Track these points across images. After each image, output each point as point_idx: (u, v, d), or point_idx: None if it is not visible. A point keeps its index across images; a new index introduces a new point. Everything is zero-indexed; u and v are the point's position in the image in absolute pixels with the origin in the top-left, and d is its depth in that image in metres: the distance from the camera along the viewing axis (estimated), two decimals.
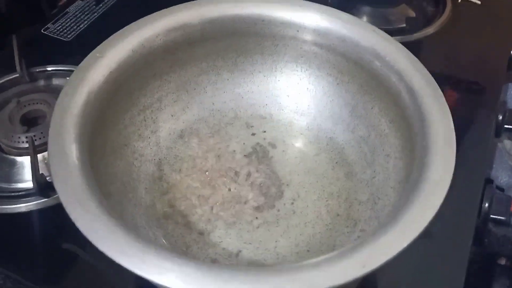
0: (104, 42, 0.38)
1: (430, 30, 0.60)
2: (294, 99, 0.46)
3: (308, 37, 0.42)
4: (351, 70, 0.42)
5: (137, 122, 0.42)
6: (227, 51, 0.45)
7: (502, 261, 0.38)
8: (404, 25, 0.60)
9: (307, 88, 0.45)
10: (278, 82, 0.46)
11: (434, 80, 0.36)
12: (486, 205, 0.46)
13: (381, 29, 0.59)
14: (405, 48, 0.38)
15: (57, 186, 0.30)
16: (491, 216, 0.46)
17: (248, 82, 0.46)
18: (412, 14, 0.59)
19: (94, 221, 0.28)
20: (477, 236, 0.46)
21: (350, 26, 0.40)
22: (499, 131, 0.54)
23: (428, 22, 0.61)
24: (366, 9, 0.61)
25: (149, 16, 0.41)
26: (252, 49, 0.45)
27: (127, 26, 0.40)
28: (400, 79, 0.37)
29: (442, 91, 0.54)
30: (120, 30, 0.40)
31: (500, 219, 0.46)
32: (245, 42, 0.44)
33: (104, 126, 0.38)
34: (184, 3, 0.42)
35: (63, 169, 0.31)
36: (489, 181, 0.56)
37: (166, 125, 0.44)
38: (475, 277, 0.51)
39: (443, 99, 0.35)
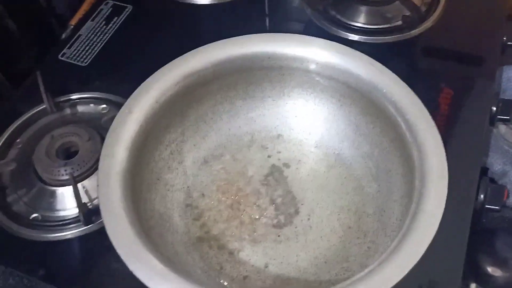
0: (130, 98, 0.43)
1: (427, 24, 0.63)
2: (302, 119, 0.50)
3: (311, 68, 0.46)
4: (352, 95, 0.46)
5: (165, 157, 0.47)
6: (238, 83, 0.49)
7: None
8: (401, 22, 0.62)
9: (314, 109, 0.50)
10: (286, 105, 0.51)
11: (427, 112, 0.41)
12: (482, 196, 0.51)
13: (380, 28, 0.63)
14: (401, 80, 0.42)
15: (114, 243, 0.36)
16: (486, 206, 0.51)
17: (259, 107, 0.51)
18: (407, 11, 0.62)
19: (152, 273, 0.34)
20: (476, 218, 0.51)
21: (349, 59, 0.44)
22: (493, 120, 0.58)
23: (425, 17, 0.63)
24: (363, 8, 0.64)
25: (165, 66, 0.45)
26: (260, 79, 0.49)
27: (148, 79, 0.44)
28: (397, 110, 0.41)
29: (439, 87, 0.58)
30: (143, 84, 0.44)
31: (494, 208, 0.51)
32: (253, 74, 0.48)
33: (140, 169, 0.44)
34: (196, 49, 0.46)
35: (114, 221, 0.36)
36: (484, 169, 0.61)
37: (190, 154, 0.49)
38: (475, 250, 0.57)
39: (437, 131, 0.39)
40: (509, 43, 0.63)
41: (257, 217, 0.47)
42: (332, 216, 0.46)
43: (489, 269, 0.61)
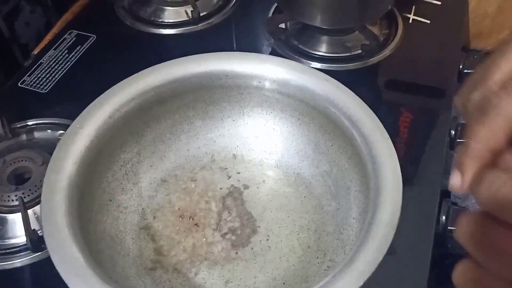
0: (82, 113, 0.42)
1: (385, 52, 0.65)
2: (262, 139, 0.50)
3: (269, 86, 0.46)
4: (311, 113, 0.46)
5: (119, 177, 0.46)
6: (197, 102, 0.48)
7: None
8: (360, 51, 0.64)
9: (273, 129, 0.50)
10: (246, 125, 0.50)
11: (382, 124, 0.41)
12: (443, 218, 0.51)
13: (340, 56, 0.65)
14: (356, 95, 0.43)
15: (53, 258, 0.34)
16: (449, 227, 0.51)
17: (219, 127, 0.50)
18: (366, 40, 0.63)
19: None
20: (439, 242, 0.51)
21: (305, 77, 0.44)
22: (453, 144, 0.59)
23: (383, 45, 0.65)
24: (324, 38, 0.65)
25: (121, 82, 0.44)
26: (219, 98, 0.49)
27: (102, 94, 0.43)
28: (352, 124, 0.41)
29: (399, 111, 0.59)
30: (97, 99, 0.43)
31: None
32: (212, 93, 0.48)
33: (90, 188, 0.42)
34: (153, 67, 0.45)
35: (58, 243, 0.34)
36: (447, 193, 0.61)
37: (146, 175, 0.48)
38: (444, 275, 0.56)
39: (391, 143, 0.39)
40: (465, 71, 0.65)
41: (214, 239, 0.45)
42: (291, 236, 0.45)
43: None
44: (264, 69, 0.45)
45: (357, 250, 0.34)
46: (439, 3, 0.71)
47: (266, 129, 0.50)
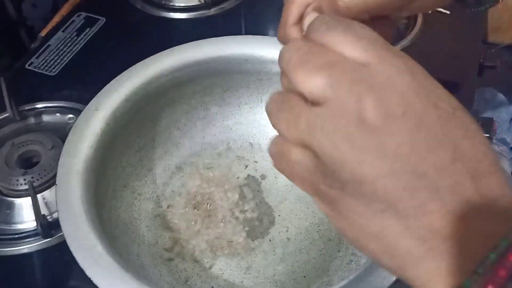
0: (98, 95, 0.40)
1: (404, 43, 0.63)
2: None
3: None
4: None
5: (134, 163, 0.44)
6: (213, 88, 0.47)
7: None
8: None
9: None
10: (264, 113, 0.48)
11: None
12: None
13: None
14: None
15: (71, 246, 0.32)
16: None
17: (235, 114, 0.49)
18: None
19: (112, 279, 0.30)
20: None
21: None
22: None
23: (402, 35, 0.63)
24: None
25: (138, 64, 0.42)
26: (237, 84, 0.47)
27: (119, 75, 0.42)
28: None
29: None
30: (113, 81, 0.41)
31: None
32: (230, 78, 0.46)
33: (105, 173, 0.40)
34: (171, 48, 0.44)
35: (74, 229, 0.33)
36: None
37: (161, 162, 0.46)
38: None
39: None
40: (486, 64, 0.64)
41: (231, 229, 0.43)
42: (311, 228, 0.43)
43: None
44: None
45: None
46: None
47: None
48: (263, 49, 0.44)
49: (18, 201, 0.49)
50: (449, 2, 0.34)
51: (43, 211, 0.47)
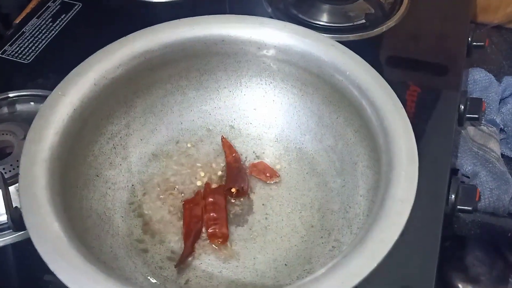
0: (65, 79, 0.38)
1: (390, 23, 0.61)
2: (261, 112, 0.46)
3: (270, 53, 0.43)
4: (314, 83, 0.43)
5: (106, 151, 0.42)
6: (190, 71, 0.45)
7: None
8: (364, 21, 0.60)
9: (273, 100, 0.46)
10: (244, 97, 0.46)
11: (394, 93, 0.37)
12: (453, 196, 0.48)
13: (342, 26, 0.61)
14: (365, 62, 0.39)
15: (32, 236, 0.31)
16: (458, 207, 0.48)
17: (214, 99, 0.47)
18: (371, 9, 0.60)
19: (76, 274, 0.29)
20: (447, 223, 0.48)
21: (309, 41, 0.41)
22: (461, 120, 0.56)
23: (388, 15, 0.61)
24: (325, 7, 0.62)
25: (107, 47, 0.40)
26: (215, 67, 0.45)
27: (87, 59, 0.39)
28: (361, 93, 0.38)
29: (406, 84, 0.56)
30: (80, 64, 0.39)
31: (466, 209, 0.48)
32: (207, 61, 0.44)
33: (75, 162, 0.38)
34: (143, 30, 0.41)
35: (37, 220, 0.31)
36: (454, 170, 0.58)
37: (136, 149, 0.44)
38: (445, 259, 0.54)
39: (404, 113, 0.36)
40: (474, 43, 0.62)
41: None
42: (293, 215, 0.42)
43: (460, 286, 0.57)
44: (264, 33, 0.42)
45: (369, 229, 0.31)
46: None
47: (265, 101, 0.46)
48: (240, 29, 0.42)
49: None
50: None
51: (16, 203, 0.45)
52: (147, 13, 0.65)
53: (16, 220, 0.44)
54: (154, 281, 0.38)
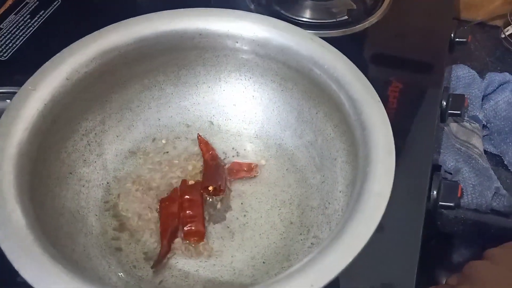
0: (35, 74, 0.37)
1: (372, 19, 0.61)
2: (241, 107, 0.46)
3: (248, 47, 0.42)
4: (294, 77, 0.42)
5: (80, 148, 0.41)
6: (167, 66, 0.44)
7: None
8: (347, 17, 0.60)
9: (253, 96, 0.45)
10: (223, 92, 0.46)
11: (372, 87, 0.37)
12: (435, 192, 0.48)
13: (325, 23, 0.60)
14: (344, 56, 0.39)
15: None
16: (440, 203, 0.48)
17: (193, 94, 0.46)
18: (353, 5, 0.59)
19: (42, 273, 0.27)
20: (429, 220, 0.47)
21: (287, 35, 0.40)
22: (444, 116, 0.55)
23: (370, 11, 0.61)
24: (308, 3, 0.61)
25: (81, 40, 0.39)
26: (193, 62, 0.44)
27: (59, 53, 0.38)
28: (340, 86, 0.37)
29: (388, 80, 0.55)
30: (52, 59, 0.38)
31: (448, 205, 0.48)
32: (184, 56, 0.43)
33: (46, 159, 0.37)
34: (117, 23, 0.41)
35: (2, 217, 0.30)
36: (437, 167, 0.57)
37: (111, 146, 0.43)
38: (429, 257, 0.53)
39: (382, 106, 0.35)
40: (457, 39, 0.62)
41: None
42: (272, 211, 0.41)
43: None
44: (241, 27, 0.41)
45: (345, 224, 0.30)
46: None
47: (244, 97, 0.45)
48: (217, 22, 0.41)
49: None
50: None
51: None
52: (128, 8, 0.64)
53: None
54: (128, 280, 0.37)
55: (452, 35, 0.62)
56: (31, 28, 0.61)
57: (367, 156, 0.33)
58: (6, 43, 0.60)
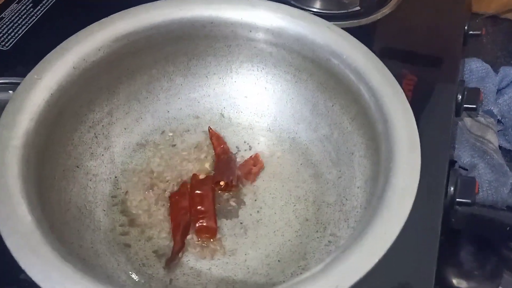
0: (41, 62, 0.35)
1: (385, 10, 0.59)
2: (253, 100, 0.44)
3: (262, 36, 0.40)
4: (309, 68, 0.40)
5: (87, 140, 0.39)
6: (177, 56, 0.42)
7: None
8: (359, 8, 0.58)
9: (265, 88, 0.44)
10: (234, 84, 0.44)
11: (393, 77, 0.35)
12: (452, 188, 0.46)
13: (336, 13, 0.58)
14: (363, 45, 0.37)
15: (3, 232, 0.28)
16: (457, 199, 0.46)
17: (203, 86, 0.44)
18: None
19: (49, 272, 0.26)
20: (444, 216, 0.46)
21: (303, 24, 0.38)
22: (458, 111, 0.54)
23: (383, 2, 0.59)
24: None
25: (88, 27, 0.38)
26: (203, 52, 0.42)
27: (65, 41, 0.37)
28: (359, 78, 0.36)
29: (401, 73, 0.54)
30: (58, 46, 0.36)
31: (466, 202, 0.46)
32: (195, 45, 0.42)
33: (52, 151, 0.36)
34: (125, 10, 0.39)
35: (8, 212, 0.28)
36: (452, 162, 0.56)
37: (119, 139, 0.42)
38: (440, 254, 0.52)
39: (404, 98, 0.34)
40: (470, 32, 0.60)
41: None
42: (286, 207, 0.39)
43: (454, 281, 0.56)
44: (256, 15, 0.39)
45: (368, 222, 0.29)
46: None
47: (257, 88, 0.44)
48: (230, 10, 0.40)
49: None
50: None
51: None
52: None
53: None
54: (138, 279, 0.35)
55: (465, 27, 0.60)
56: (34, 17, 0.60)
57: (390, 150, 0.32)
58: (8, 32, 0.58)
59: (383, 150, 0.33)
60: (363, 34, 0.58)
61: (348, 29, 0.57)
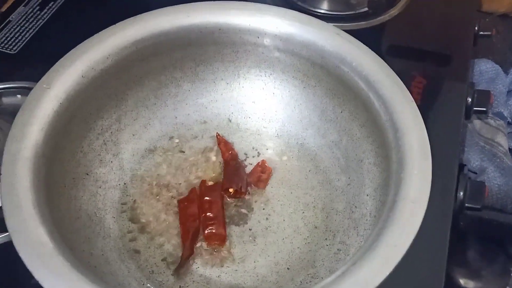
0: (50, 71, 0.35)
1: (394, 11, 0.59)
2: (261, 105, 0.44)
3: (270, 42, 0.40)
4: (317, 74, 0.40)
5: (96, 148, 0.40)
6: (185, 62, 0.42)
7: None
8: (367, 9, 0.58)
9: (273, 93, 0.43)
10: (242, 89, 0.44)
11: (404, 85, 0.35)
12: (461, 193, 0.46)
13: (344, 15, 0.58)
14: (373, 52, 0.37)
15: (15, 242, 0.28)
16: (466, 205, 0.46)
17: (210, 91, 0.44)
18: None
19: (62, 283, 0.26)
20: (453, 220, 0.46)
21: (312, 30, 0.38)
22: (468, 113, 0.53)
23: (391, 2, 0.59)
24: None
25: (96, 35, 0.38)
26: (211, 57, 0.42)
27: (73, 49, 0.37)
28: (369, 85, 0.36)
29: (410, 75, 0.53)
30: (66, 55, 0.36)
31: (475, 207, 0.46)
32: (203, 51, 0.41)
33: (62, 159, 0.36)
34: (133, 17, 0.39)
35: (20, 224, 0.28)
36: (461, 166, 0.56)
37: (128, 146, 0.42)
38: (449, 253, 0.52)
39: (415, 106, 0.34)
40: (481, 33, 0.59)
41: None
42: (295, 215, 0.39)
43: (461, 281, 0.55)
44: (264, 21, 0.39)
45: (380, 233, 0.28)
46: None
47: (264, 94, 0.44)
48: (238, 16, 0.39)
49: None
50: None
51: None
52: (141, 0, 0.62)
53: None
54: (148, 286, 0.35)
55: (476, 28, 0.59)
56: (41, 20, 0.60)
57: (400, 160, 0.31)
58: (16, 36, 0.58)
59: (394, 159, 0.32)
60: (371, 36, 0.58)
61: (356, 31, 0.57)
